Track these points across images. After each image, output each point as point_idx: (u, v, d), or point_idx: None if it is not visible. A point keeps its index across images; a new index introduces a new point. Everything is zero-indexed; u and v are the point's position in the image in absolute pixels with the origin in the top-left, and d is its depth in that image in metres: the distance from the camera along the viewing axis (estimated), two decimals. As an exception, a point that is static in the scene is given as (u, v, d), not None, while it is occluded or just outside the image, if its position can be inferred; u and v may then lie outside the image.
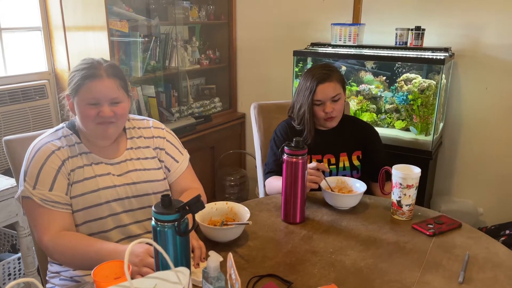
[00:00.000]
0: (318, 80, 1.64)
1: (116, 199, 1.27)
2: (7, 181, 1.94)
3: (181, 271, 0.67)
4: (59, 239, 1.16)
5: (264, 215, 1.41)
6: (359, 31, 2.55)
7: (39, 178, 1.19)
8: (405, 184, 1.34)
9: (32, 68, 2.58)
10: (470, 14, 2.42)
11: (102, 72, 1.22)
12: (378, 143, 1.79)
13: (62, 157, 1.23)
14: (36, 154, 1.22)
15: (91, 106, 1.21)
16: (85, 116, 1.22)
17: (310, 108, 1.66)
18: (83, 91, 1.21)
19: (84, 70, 1.22)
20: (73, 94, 1.23)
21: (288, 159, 1.31)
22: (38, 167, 1.20)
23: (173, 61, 2.92)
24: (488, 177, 2.58)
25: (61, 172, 1.22)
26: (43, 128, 2.42)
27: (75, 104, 1.24)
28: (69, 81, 1.25)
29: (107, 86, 1.22)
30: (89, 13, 2.39)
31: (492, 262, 1.13)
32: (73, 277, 1.25)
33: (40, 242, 1.18)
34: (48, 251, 1.19)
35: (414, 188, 1.35)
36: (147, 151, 1.37)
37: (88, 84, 1.20)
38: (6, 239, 2.33)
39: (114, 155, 1.31)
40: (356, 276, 1.07)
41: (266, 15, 3.11)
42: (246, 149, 3.48)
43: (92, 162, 1.27)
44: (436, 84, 2.38)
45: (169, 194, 0.92)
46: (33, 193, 1.18)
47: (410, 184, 1.34)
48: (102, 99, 1.21)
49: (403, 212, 1.37)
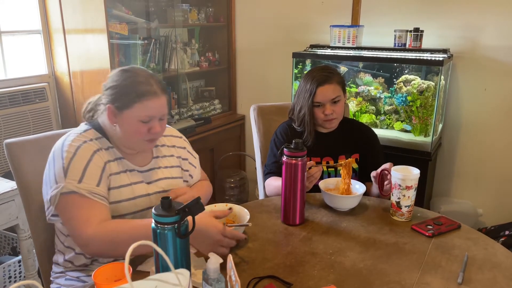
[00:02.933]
0: (318, 82, 1.64)
1: (149, 207, 1.27)
2: (7, 184, 1.95)
3: (181, 272, 0.67)
4: (103, 227, 1.11)
5: (264, 216, 1.41)
6: (358, 33, 2.56)
7: (86, 173, 1.15)
8: (404, 185, 1.34)
9: (32, 71, 2.59)
10: (469, 15, 2.43)
11: (156, 89, 1.20)
12: (377, 145, 1.80)
13: (103, 159, 1.21)
14: (77, 151, 1.17)
15: (143, 123, 1.20)
16: (135, 132, 1.20)
17: (310, 110, 1.66)
18: (138, 107, 1.18)
19: (138, 85, 1.18)
20: (123, 107, 1.19)
21: (287, 160, 1.32)
22: (84, 163, 1.16)
23: (173, 64, 2.92)
24: (487, 178, 2.58)
25: (104, 173, 1.19)
26: (43, 131, 2.42)
27: (122, 116, 1.20)
28: (118, 92, 1.19)
29: (162, 104, 1.21)
30: (88, 16, 2.40)
31: (491, 263, 1.14)
32: (80, 277, 1.25)
33: (80, 236, 1.11)
34: (90, 244, 1.11)
35: (413, 189, 1.35)
36: (172, 160, 1.40)
37: (144, 102, 1.17)
38: (7, 242, 2.33)
39: (142, 163, 1.32)
40: (355, 277, 1.08)
41: (265, 17, 3.12)
42: (246, 151, 3.48)
43: (126, 169, 1.26)
44: (435, 86, 2.39)
45: (169, 197, 0.93)
46: (79, 187, 1.13)
47: (409, 185, 1.34)
48: (156, 116, 1.21)
49: (402, 213, 1.37)
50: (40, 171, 1.34)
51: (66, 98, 2.65)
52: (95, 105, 1.31)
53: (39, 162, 1.35)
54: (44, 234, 1.36)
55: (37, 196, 1.33)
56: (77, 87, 2.58)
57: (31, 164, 1.34)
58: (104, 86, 1.25)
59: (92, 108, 1.31)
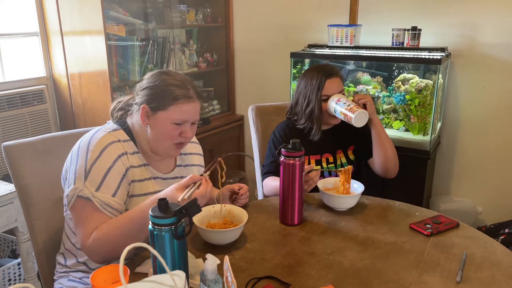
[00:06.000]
0: (326, 76, 1.67)
1: None
2: (6, 186, 1.95)
3: (177, 274, 0.67)
4: (95, 236, 1.12)
5: (262, 217, 1.41)
6: (355, 32, 2.56)
7: (105, 181, 1.14)
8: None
9: (30, 74, 2.59)
10: (466, 13, 2.43)
11: (192, 93, 1.21)
12: (368, 132, 1.79)
13: (126, 165, 1.20)
14: (102, 153, 1.16)
15: (175, 125, 1.20)
16: (166, 134, 1.21)
17: (319, 104, 1.67)
18: (174, 110, 1.19)
19: (175, 88, 1.19)
20: (158, 108, 1.19)
21: (285, 161, 1.32)
22: (105, 169, 1.15)
23: (171, 65, 2.92)
24: (487, 176, 2.58)
25: (125, 180, 1.19)
26: (41, 133, 2.42)
27: (156, 117, 1.20)
28: (155, 93, 1.20)
29: (196, 109, 1.23)
30: (86, 17, 2.40)
31: (489, 261, 1.13)
32: (82, 278, 1.25)
33: (84, 245, 1.13)
34: (92, 252, 1.13)
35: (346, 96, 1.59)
36: (194, 169, 1.42)
37: (179, 105, 1.19)
38: (6, 245, 2.33)
39: (166, 170, 1.32)
40: (354, 277, 1.07)
41: (263, 17, 3.12)
42: (245, 151, 3.48)
43: (151, 176, 1.26)
44: (433, 84, 2.39)
45: (166, 198, 0.92)
46: (95, 195, 1.13)
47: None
48: (189, 120, 1.22)
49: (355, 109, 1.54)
50: (38, 174, 1.34)
51: (64, 100, 2.65)
52: (126, 104, 1.30)
53: (37, 164, 1.35)
54: (42, 236, 1.35)
55: (35, 198, 1.33)
56: (75, 89, 2.58)
57: (29, 166, 1.34)
58: (139, 86, 1.26)
59: (123, 107, 1.31)
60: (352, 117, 1.57)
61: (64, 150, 1.32)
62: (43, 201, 1.35)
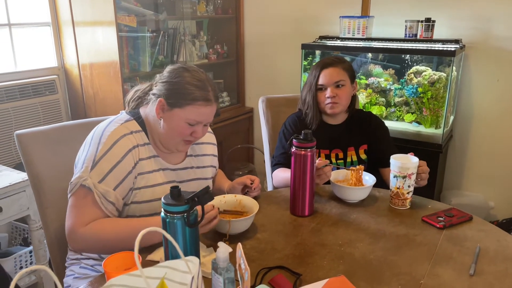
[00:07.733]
0: (322, 66, 1.69)
1: None
2: (18, 175, 1.97)
3: (191, 260, 0.67)
4: (88, 228, 1.13)
5: (273, 208, 1.41)
6: (368, 23, 2.53)
7: (110, 174, 1.15)
8: (405, 173, 1.34)
9: (42, 64, 2.60)
10: (481, 5, 2.39)
11: (211, 96, 1.21)
12: (385, 132, 1.78)
13: (136, 158, 1.21)
14: (114, 146, 1.17)
15: (189, 125, 1.21)
16: (178, 131, 1.21)
17: (313, 93, 1.69)
18: (190, 110, 1.19)
19: (195, 88, 1.19)
20: (175, 105, 1.19)
21: (296, 151, 1.31)
22: (113, 163, 1.16)
23: (181, 56, 2.92)
24: (499, 171, 2.55)
25: (131, 174, 1.19)
26: (53, 123, 2.44)
27: (171, 113, 1.20)
28: (175, 89, 1.19)
29: (212, 112, 1.24)
30: (97, 8, 2.40)
31: (503, 255, 1.12)
32: (94, 265, 1.26)
33: (72, 231, 1.14)
34: (80, 240, 1.14)
35: (412, 178, 1.35)
36: (206, 159, 1.42)
37: (197, 106, 1.19)
38: (18, 233, 2.36)
39: (176, 161, 1.32)
40: (365, 268, 1.07)
41: (274, 9, 3.09)
42: (254, 144, 3.48)
43: (160, 168, 1.26)
44: (446, 77, 2.35)
45: (178, 186, 0.92)
46: (96, 187, 1.14)
47: (409, 174, 1.33)
48: (203, 122, 1.23)
49: (402, 201, 1.37)
50: (50, 162, 1.35)
51: (75, 90, 2.67)
52: (143, 92, 1.30)
53: (49, 153, 1.36)
54: (54, 224, 1.37)
55: (48, 186, 1.34)
56: (86, 79, 2.59)
57: (41, 155, 1.34)
58: (159, 77, 1.25)
59: (140, 97, 1.31)
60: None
61: (76, 139, 1.33)
62: (55, 189, 1.35)
